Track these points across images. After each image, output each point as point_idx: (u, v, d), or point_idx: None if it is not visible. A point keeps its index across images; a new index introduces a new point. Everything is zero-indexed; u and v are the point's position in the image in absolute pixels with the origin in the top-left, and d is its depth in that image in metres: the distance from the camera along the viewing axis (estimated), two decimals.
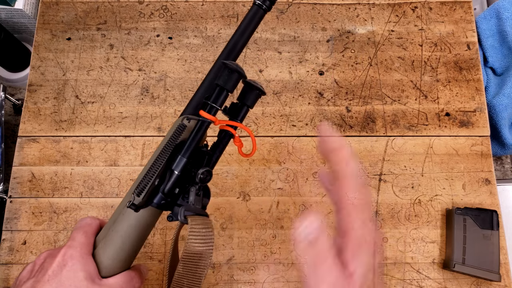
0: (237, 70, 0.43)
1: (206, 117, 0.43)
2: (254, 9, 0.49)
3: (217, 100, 0.44)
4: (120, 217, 0.42)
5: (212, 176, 0.45)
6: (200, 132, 0.44)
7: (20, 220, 0.77)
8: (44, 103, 0.85)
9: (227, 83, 0.44)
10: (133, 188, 0.43)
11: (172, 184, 0.42)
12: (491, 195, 0.80)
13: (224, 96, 0.45)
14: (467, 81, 0.87)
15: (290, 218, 0.78)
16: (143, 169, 0.44)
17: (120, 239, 0.42)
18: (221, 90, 0.44)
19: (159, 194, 0.42)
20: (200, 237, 0.41)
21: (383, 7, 0.92)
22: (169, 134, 0.44)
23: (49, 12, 0.91)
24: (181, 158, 0.43)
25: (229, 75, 0.44)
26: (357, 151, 0.82)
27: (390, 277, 0.75)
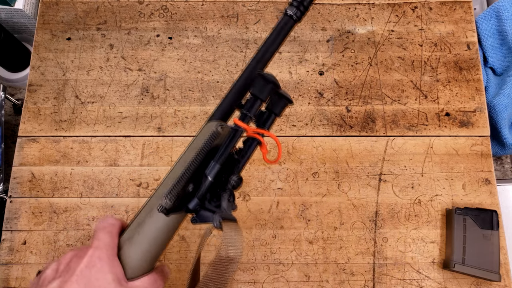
0: (273, 82, 0.45)
1: (241, 125, 0.45)
2: (285, 19, 0.50)
3: (251, 109, 0.46)
4: (148, 220, 0.43)
5: (242, 182, 0.46)
6: (234, 140, 0.45)
7: (20, 220, 0.77)
8: (44, 103, 0.85)
9: (262, 93, 0.45)
10: (161, 190, 0.44)
11: (206, 190, 0.44)
12: (491, 195, 0.80)
13: (258, 106, 0.46)
14: (467, 81, 0.87)
15: (290, 218, 0.79)
16: (171, 171, 0.44)
17: (147, 242, 0.42)
18: (256, 100, 0.46)
19: (195, 200, 0.43)
20: (233, 243, 0.42)
21: (383, 7, 0.92)
22: (201, 139, 0.45)
23: (49, 12, 0.91)
24: (215, 164, 0.44)
25: (265, 86, 0.45)
26: (357, 151, 0.82)
27: (390, 277, 0.75)
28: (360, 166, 0.81)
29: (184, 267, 0.75)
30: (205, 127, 0.46)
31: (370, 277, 0.75)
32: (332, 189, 0.80)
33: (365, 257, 0.76)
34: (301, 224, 0.78)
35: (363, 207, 0.79)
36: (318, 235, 0.78)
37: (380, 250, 0.77)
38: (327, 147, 0.82)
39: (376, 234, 0.78)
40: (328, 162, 0.82)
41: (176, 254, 0.76)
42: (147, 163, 0.81)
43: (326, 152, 0.82)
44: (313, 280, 0.75)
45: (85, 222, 0.78)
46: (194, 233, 0.77)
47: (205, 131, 0.45)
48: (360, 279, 0.75)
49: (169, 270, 0.48)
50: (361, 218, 0.79)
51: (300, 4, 0.48)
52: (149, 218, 0.43)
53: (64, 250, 0.76)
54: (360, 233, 0.78)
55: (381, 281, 0.75)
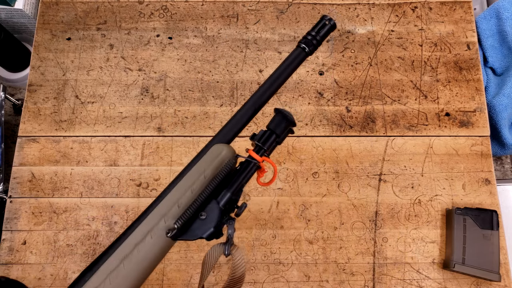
0: (292, 121, 0.47)
1: (256, 158, 0.46)
2: (297, 51, 0.52)
3: (266, 142, 0.47)
4: (148, 241, 0.42)
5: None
6: (249, 172, 0.46)
7: (20, 220, 0.77)
8: (44, 103, 0.85)
9: (278, 129, 0.47)
10: (161, 211, 0.43)
11: (219, 218, 0.43)
12: (491, 195, 0.80)
13: (273, 140, 0.47)
14: (467, 81, 0.87)
15: (290, 218, 0.78)
16: (169, 191, 0.44)
17: (146, 263, 0.42)
18: (271, 134, 0.47)
19: (211, 229, 0.43)
20: (241, 263, 0.44)
21: (383, 7, 0.92)
22: (208, 162, 0.45)
23: (49, 12, 0.91)
24: (227, 193, 0.44)
25: (283, 123, 0.47)
26: (357, 151, 0.82)
27: (390, 277, 0.75)
28: (360, 166, 0.81)
29: (184, 267, 0.75)
30: (213, 150, 0.46)
31: (370, 277, 0.75)
32: (332, 189, 0.80)
33: (365, 257, 0.76)
34: (301, 224, 0.78)
35: (363, 207, 0.79)
36: (318, 235, 0.78)
37: (380, 250, 0.77)
38: (327, 147, 0.82)
39: (376, 234, 0.78)
40: (328, 162, 0.82)
41: (176, 254, 0.76)
42: (147, 163, 0.81)
43: (326, 152, 0.82)
44: (313, 280, 0.75)
45: (85, 222, 0.78)
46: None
47: (213, 155, 0.46)
48: (360, 279, 0.75)
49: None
50: (361, 218, 0.79)
51: (313, 38, 0.51)
52: (150, 239, 0.42)
53: (64, 250, 0.76)
54: (360, 233, 0.78)
55: (381, 281, 0.75)
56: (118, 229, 0.77)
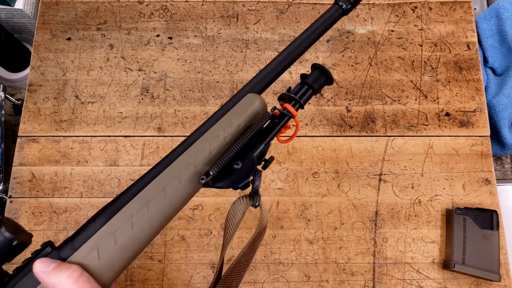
0: (331, 78, 0.46)
1: (292, 112, 0.45)
2: (334, 7, 0.50)
3: (302, 97, 0.46)
4: (175, 185, 0.40)
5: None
6: (283, 124, 0.45)
7: (20, 220, 0.77)
8: (44, 103, 0.85)
9: (315, 83, 0.46)
10: (190, 155, 0.42)
11: (252, 169, 0.43)
12: (491, 195, 0.80)
13: (309, 95, 0.46)
14: (467, 81, 0.87)
15: (290, 218, 0.78)
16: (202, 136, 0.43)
17: (171, 207, 0.40)
18: (308, 89, 0.46)
19: (247, 179, 0.43)
20: (266, 214, 0.45)
21: (383, 7, 0.92)
22: (242, 110, 0.44)
23: (49, 12, 0.91)
24: (261, 144, 0.44)
25: (321, 79, 0.46)
26: (357, 151, 0.82)
27: (390, 277, 0.75)
28: (360, 166, 0.81)
29: (184, 267, 0.75)
30: (246, 100, 0.45)
31: (370, 277, 0.75)
32: (332, 189, 0.80)
33: (365, 257, 0.76)
34: (301, 224, 0.78)
35: (363, 207, 0.79)
36: (318, 235, 0.78)
37: (380, 250, 0.77)
38: (327, 147, 0.82)
39: (376, 234, 0.78)
40: (328, 162, 0.82)
41: (176, 254, 0.76)
42: (147, 163, 0.81)
43: (326, 152, 0.82)
44: (313, 280, 0.75)
45: None
46: (194, 233, 0.77)
47: (246, 104, 0.45)
48: (360, 279, 0.75)
49: None
50: (361, 218, 0.79)
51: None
52: (178, 183, 0.40)
53: None
54: (360, 233, 0.78)
55: (381, 281, 0.75)
56: None
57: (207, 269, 0.75)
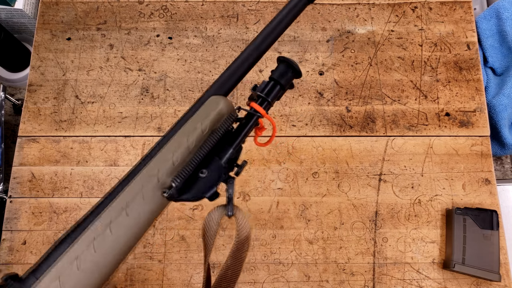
0: (296, 68, 0.44)
1: (259, 111, 0.42)
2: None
3: (270, 93, 0.43)
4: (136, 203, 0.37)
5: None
6: (250, 125, 0.43)
7: (20, 220, 0.77)
8: (44, 103, 0.85)
9: (282, 78, 0.44)
10: (152, 168, 0.38)
11: (222, 177, 0.40)
12: (491, 195, 0.80)
13: (277, 91, 0.44)
14: (467, 81, 0.87)
15: (290, 218, 0.78)
16: (162, 145, 0.39)
17: (136, 225, 0.37)
18: (275, 85, 0.44)
19: (215, 188, 0.40)
20: (246, 223, 0.42)
21: (383, 7, 0.92)
22: (206, 114, 0.41)
23: (49, 12, 0.91)
24: (229, 148, 0.41)
25: (288, 72, 0.44)
26: (357, 151, 0.82)
27: (390, 277, 0.75)
28: (360, 166, 0.81)
29: (184, 267, 0.75)
30: (210, 103, 0.42)
31: (370, 277, 0.75)
32: (332, 189, 0.80)
33: (365, 257, 0.76)
34: (301, 224, 0.78)
35: (363, 207, 0.79)
36: (318, 235, 0.78)
37: (380, 250, 0.77)
38: (327, 147, 0.82)
39: (376, 234, 0.78)
40: (328, 162, 0.82)
41: (176, 254, 0.76)
42: None
43: (326, 152, 0.82)
44: (313, 280, 0.75)
45: None
46: (194, 233, 0.77)
47: (210, 107, 0.41)
48: (360, 279, 0.75)
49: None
50: (361, 218, 0.79)
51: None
52: (141, 200, 0.37)
53: None
54: (360, 233, 0.78)
55: (381, 281, 0.75)
56: None
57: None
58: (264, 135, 0.47)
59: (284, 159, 0.82)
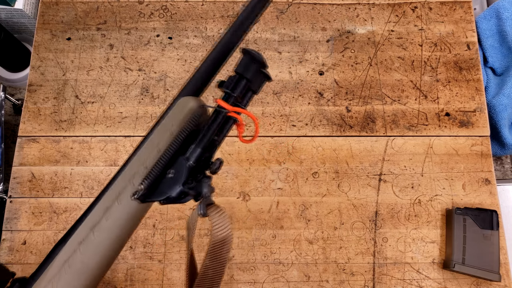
0: (261, 61, 0.42)
1: (225, 107, 0.41)
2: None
3: (235, 89, 0.42)
4: (116, 207, 0.39)
5: (222, 165, 0.44)
6: (217, 122, 0.42)
7: (20, 220, 0.77)
8: (44, 103, 0.85)
9: (248, 72, 0.42)
10: (129, 173, 0.40)
11: (187, 176, 0.40)
12: (491, 195, 0.80)
13: (243, 85, 0.43)
14: (467, 81, 0.87)
15: (290, 218, 0.78)
16: (136, 152, 0.40)
17: (117, 229, 0.39)
18: (241, 79, 0.42)
19: (179, 188, 0.40)
20: (221, 224, 0.41)
21: (383, 7, 0.92)
22: (175, 117, 0.41)
23: (49, 12, 0.91)
24: (196, 148, 0.40)
25: (252, 64, 0.42)
26: (357, 151, 0.82)
27: (390, 277, 0.75)
28: (360, 166, 0.81)
29: (184, 267, 0.75)
30: (179, 104, 0.42)
31: (370, 277, 0.75)
32: (332, 189, 0.80)
33: (365, 257, 0.76)
34: (301, 224, 0.78)
35: (363, 207, 0.79)
36: (318, 235, 0.78)
37: (380, 250, 0.77)
38: (327, 147, 0.82)
39: (376, 234, 0.78)
40: (328, 162, 0.82)
41: (176, 254, 0.76)
42: None
43: (326, 152, 0.82)
44: (313, 280, 0.75)
45: None
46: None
47: (179, 109, 0.42)
48: (360, 279, 0.75)
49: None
50: (361, 218, 0.79)
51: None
52: (118, 204, 0.39)
53: None
54: (360, 233, 0.78)
55: (381, 281, 0.75)
56: None
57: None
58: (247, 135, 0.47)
59: (284, 159, 0.82)
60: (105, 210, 0.39)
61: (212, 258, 0.42)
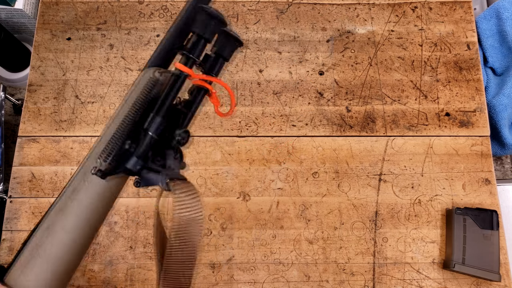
0: (218, 17, 0.39)
1: (183, 69, 0.38)
2: None
3: (194, 50, 0.39)
4: (82, 186, 0.37)
5: (189, 137, 0.40)
6: (176, 87, 0.39)
7: (20, 220, 0.77)
8: (44, 103, 0.85)
9: (206, 31, 0.39)
10: (96, 152, 0.38)
11: (147, 147, 0.37)
12: (491, 195, 0.80)
13: (202, 46, 0.40)
14: (467, 81, 0.87)
15: (290, 218, 0.78)
16: (106, 128, 0.39)
17: (84, 210, 0.37)
18: (199, 39, 0.39)
19: (134, 159, 0.37)
20: (187, 204, 0.37)
21: (383, 7, 0.92)
22: (138, 88, 0.39)
23: (49, 12, 0.91)
24: (155, 117, 0.38)
25: (209, 22, 0.39)
26: (357, 151, 0.82)
27: (390, 277, 0.75)
28: (360, 166, 0.81)
29: None
30: (142, 77, 0.40)
31: (370, 277, 0.75)
32: (332, 189, 0.80)
33: (365, 257, 0.76)
34: (301, 224, 0.78)
35: (363, 207, 0.79)
36: (318, 235, 0.78)
37: (380, 250, 0.77)
38: (327, 147, 0.82)
39: (376, 234, 0.78)
40: (328, 162, 0.82)
41: None
42: None
43: (326, 152, 0.82)
44: (313, 280, 0.75)
45: None
46: None
47: (142, 81, 0.39)
48: (360, 279, 0.75)
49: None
50: (361, 218, 0.79)
51: None
52: (83, 184, 0.37)
53: None
54: (360, 233, 0.78)
55: (381, 281, 0.75)
56: (118, 229, 0.77)
57: (207, 269, 0.75)
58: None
59: (284, 159, 0.82)
60: (72, 192, 0.38)
61: (178, 239, 0.38)
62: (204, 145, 0.82)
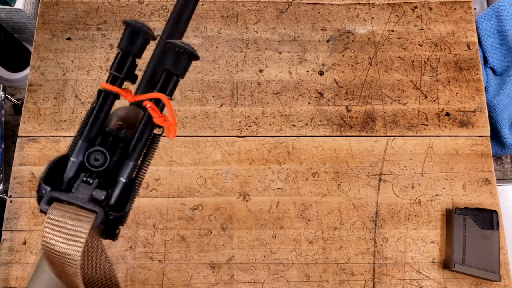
0: (142, 30, 0.36)
1: (108, 88, 0.35)
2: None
3: (121, 67, 0.36)
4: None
5: (107, 159, 0.35)
6: (103, 109, 0.35)
7: (20, 220, 0.77)
8: (44, 103, 0.85)
9: (131, 46, 0.36)
10: None
11: (49, 167, 0.35)
12: (491, 195, 0.80)
13: (130, 62, 0.37)
14: (467, 81, 0.87)
15: (290, 218, 0.78)
16: None
17: None
18: (125, 55, 0.37)
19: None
20: (58, 231, 0.31)
21: (383, 7, 0.92)
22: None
23: (49, 12, 0.91)
24: (82, 143, 0.35)
25: (132, 36, 0.36)
26: (357, 151, 0.82)
27: (390, 277, 0.75)
28: (360, 166, 0.81)
29: (184, 267, 0.75)
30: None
31: (370, 277, 0.75)
32: (332, 189, 0.80)
33: (365, 257, 0.76)
34: (301, 224, 0.78)
35: (363, 207, 0.79)
36: (318, 235, 0.78)
37: (380, 250, 0.77)
38: (327, 147, 0.82)
39: (376, 234, 0.78)
40: (328, 162, 0.82)
41: (176, 254, 0.76)
42: None
43: (326, 152, 0.82)
44: (313, 280, 0.75)
45: None
46: (194, 233, 0.77)
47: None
48: (360, 279, 0.75)
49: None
50: (361, 218, 0.79)
51: None
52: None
53: None
54: (360, 233, 0.78)
55: (381, 281, 0.75)
56: None
57: (207, 269, 0.75)
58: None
59: (284, 159, 0.82)
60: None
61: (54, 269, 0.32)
62: (204, 145, 0.82)
